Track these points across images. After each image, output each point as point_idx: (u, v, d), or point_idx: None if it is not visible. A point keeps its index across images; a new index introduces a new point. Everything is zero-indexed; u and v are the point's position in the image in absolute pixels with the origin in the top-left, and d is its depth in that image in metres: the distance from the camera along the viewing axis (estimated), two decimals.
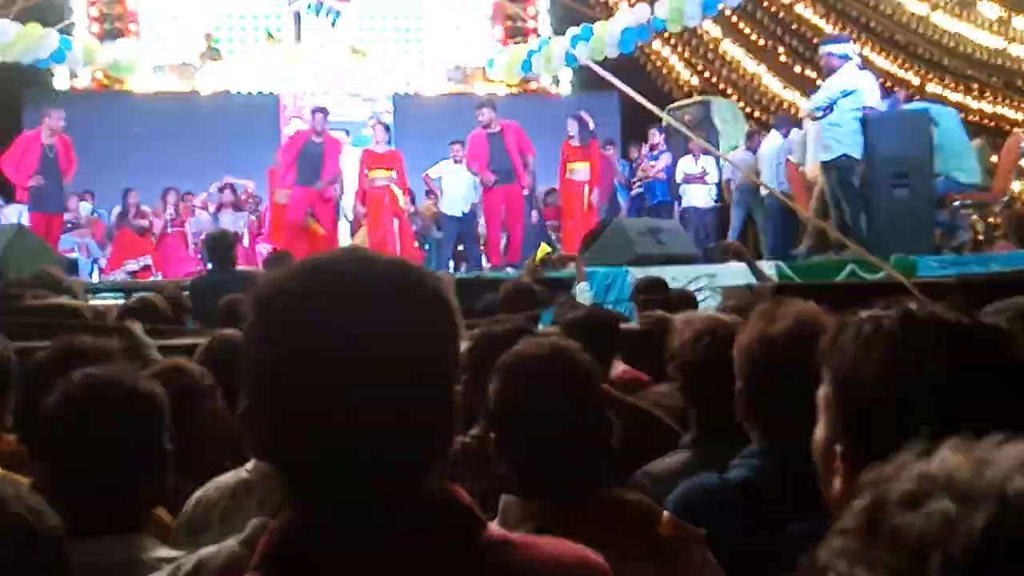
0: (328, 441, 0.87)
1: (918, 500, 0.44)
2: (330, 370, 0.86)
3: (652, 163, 11.63)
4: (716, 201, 11.30)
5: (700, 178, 11.24)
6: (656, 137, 11.58)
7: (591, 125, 10.86)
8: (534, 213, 11.85)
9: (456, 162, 11.10)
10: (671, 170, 11.50)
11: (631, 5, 12.56)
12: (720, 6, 11.54)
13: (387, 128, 11.13)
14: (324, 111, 10.53)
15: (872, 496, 0.47)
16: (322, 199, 10.27)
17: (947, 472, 0.45)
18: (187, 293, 6.15)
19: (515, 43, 14.77)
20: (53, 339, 2.44)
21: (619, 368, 3.34)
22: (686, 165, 11.27)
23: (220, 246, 6.65)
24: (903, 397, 1.00)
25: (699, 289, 5.92)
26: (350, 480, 0.88)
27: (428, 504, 0.91)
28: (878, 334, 1.04)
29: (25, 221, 9.79)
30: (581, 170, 10.79)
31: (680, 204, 11.34)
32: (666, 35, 14.60)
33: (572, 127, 10.80)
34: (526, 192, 10.83)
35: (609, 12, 13.40)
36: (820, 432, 1.10)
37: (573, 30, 12.42)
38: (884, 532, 0.45)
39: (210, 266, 7.00)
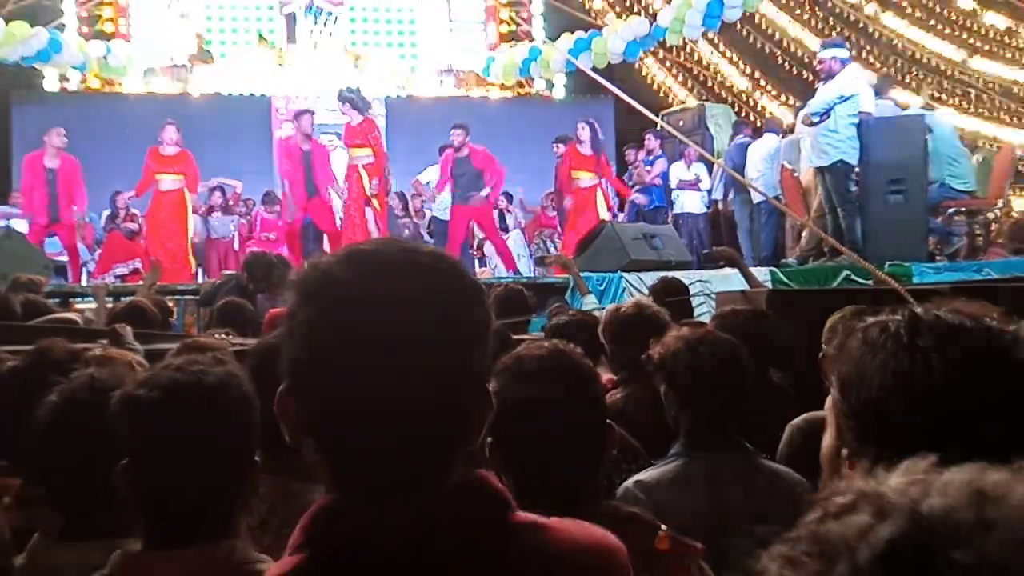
0: (367, 424, 0.90)
1: (847, 512, 0.48)
2: (372, 355, 0.89)
3: (648, 168, 11.58)
4: (708, 207, 11.25)
5: (693, 185, 11.19)
6: (652, 142, 11.52)
7: (600, 135, 10.58)
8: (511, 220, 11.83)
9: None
10: (666, 175, 11.46)
11: (623, 16, 12.51)
12: (720, 21, 11.53)
13: (351, 101, 9.89)
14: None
15: (820, 508, 0.51)
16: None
17: (878, 489, 0.49)
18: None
19: (510, 47, 14.73)
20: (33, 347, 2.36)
21: (603, 377, 3.30)
22: (679, 171, 11.23)
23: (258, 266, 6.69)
24: (909, 397, 1.00)
25: (694, 295, 5.85)
26: (388, 462, 0.91)
27: (461, 487, 0.94)
28: (884, 337, 1.05)
29: (17, 226, 9.75)
30: (586, 178, 10.42)
31: (672, 210, 11.29)
32: (660, 54, 14.58)
33: (583, 133, 10.29)
34: (496, 209, 10.87)
35: (601, 17, 13.38)
36: (827, 440, 1.11)
37: (570, 37, 12.38)
38: (812, 539, 0.49)
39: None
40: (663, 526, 1.58)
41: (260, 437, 1.58)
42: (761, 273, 7.77)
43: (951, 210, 8.94)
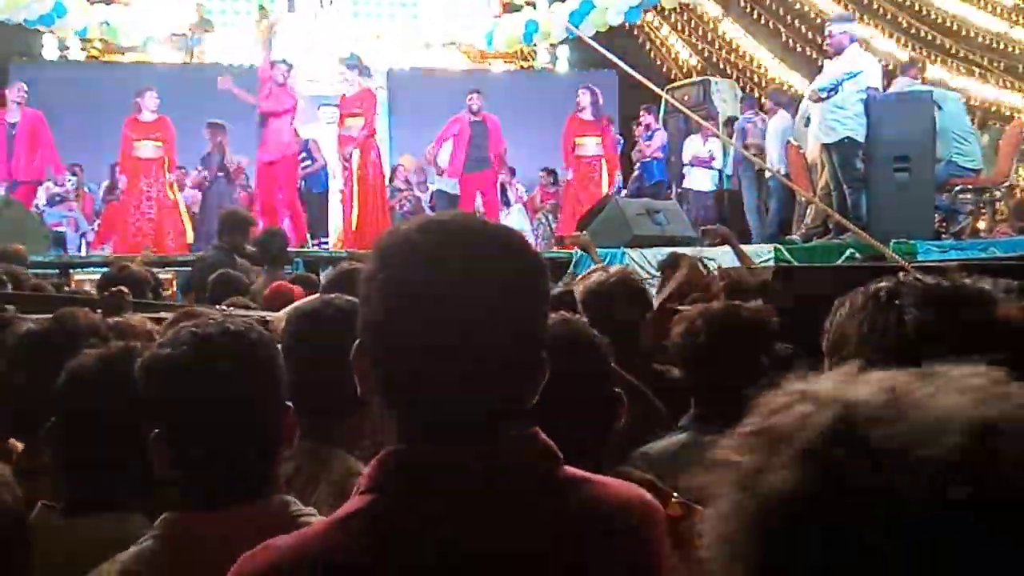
0: (436, 379, 0.98)
1: (788, 407, 0.58)
2: (444, 316, 0.97)
3: (647, 143, 11.49)
4: (717, 186, 11.13)
5: (707, 161, 11.02)
6: (647, 117, 11.42)
7: (601, 100, 10.54)
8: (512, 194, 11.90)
9: (444, 139, 10.96)
10: (666, 149, 11.36)
11: None
12: None
13: (357, 67, 9.84)
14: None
15: (762, 407, 0.60)
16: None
17: (814, 387, 0.59)
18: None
19: (512, 15, 14.56)
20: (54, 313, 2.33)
21: None
22: (694, 147, 11.05)
23: (232, 224, 6.64)
24: (883, 348, 1.06)
25: None
26: (452, 414, 1.00)
27: (516, 440, 1.02)
28: (865, 300, 1.12)
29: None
30: (592, 144, 10.37)
31: (680, 185, 11.18)
32: (665, 12, 14.45)
33: (584, 98, 10.33)
34: (502, 180, 10.98)
35: None
36: None
37: (572, 3, 12.27)
38: (759, 430, 0.58)
39: (216, 242, 6.94)
40: (675, 493, 1.60)
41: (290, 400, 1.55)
42: (765, 250, 7.74)
43: (958, 188, 8.87)
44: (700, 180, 11.00)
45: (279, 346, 1.54)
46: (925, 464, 0.52)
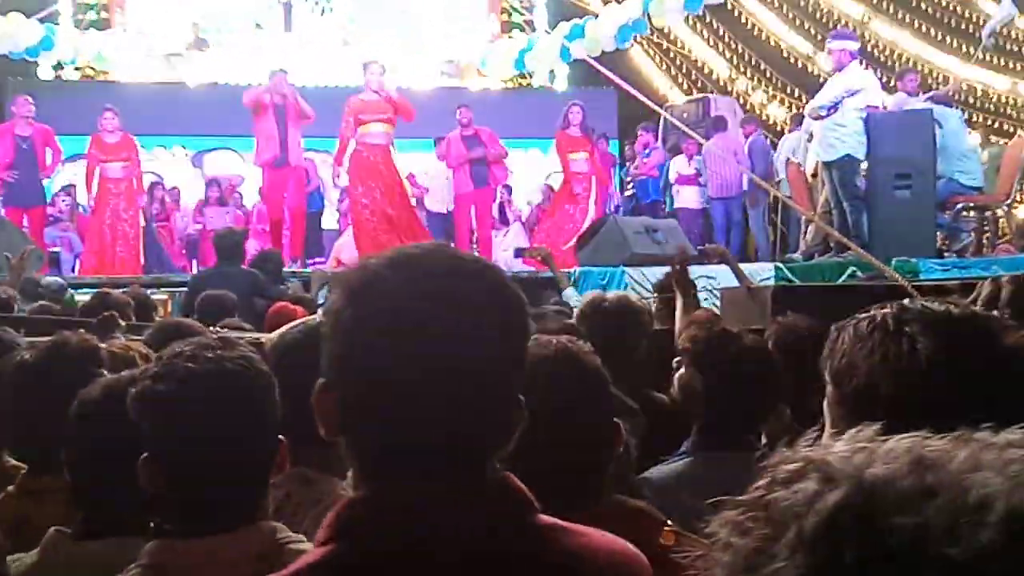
0: (402, 423, 0.93)
1: (795, 479, 0.50)
2: (412, 357, 0.91)
3: (645, 160, 11.48)
4: (707, 203, 11.08)
5: (693, 179, 11.01)
6: (646, 135, 11.36)
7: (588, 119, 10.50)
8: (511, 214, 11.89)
9: (441, 159, 10.92)
10: (663, 168, 11.33)
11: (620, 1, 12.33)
12: (702, 4, 11.37)
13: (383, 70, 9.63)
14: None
15: (768, 475, 0.52)
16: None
17: (825, 456, 0.51)
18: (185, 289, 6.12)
19: (511, 37, 14.57)
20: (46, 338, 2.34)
21: None
22: (680, 165, 11.06)
23: (226, 243, 6.59)
24: (897, 378, 1.03)
25: (699, 291, 5.72)
26: (420, 461, 0.93)
27: (488, 487, 0.96)
28: (872, 327, 1.08)
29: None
30: (581, 160, 10.21)
31: (672, 204, 11.15)
32: (655, 39, 14.46)
33: (575, 116, 10.10)
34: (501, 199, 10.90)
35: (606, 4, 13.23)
36: (825, 437, 1.12)
37: (565, 26, 12.30)
38: (761, 505, 0.51)
39: (215, 262, 6.88)
40: (669, 521, 1.58)
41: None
42: (766, 268, 7.68)
43: (959, 206, 8.82)
44: (689, 198, 10.96)
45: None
46: (952, 564, 0.44)
